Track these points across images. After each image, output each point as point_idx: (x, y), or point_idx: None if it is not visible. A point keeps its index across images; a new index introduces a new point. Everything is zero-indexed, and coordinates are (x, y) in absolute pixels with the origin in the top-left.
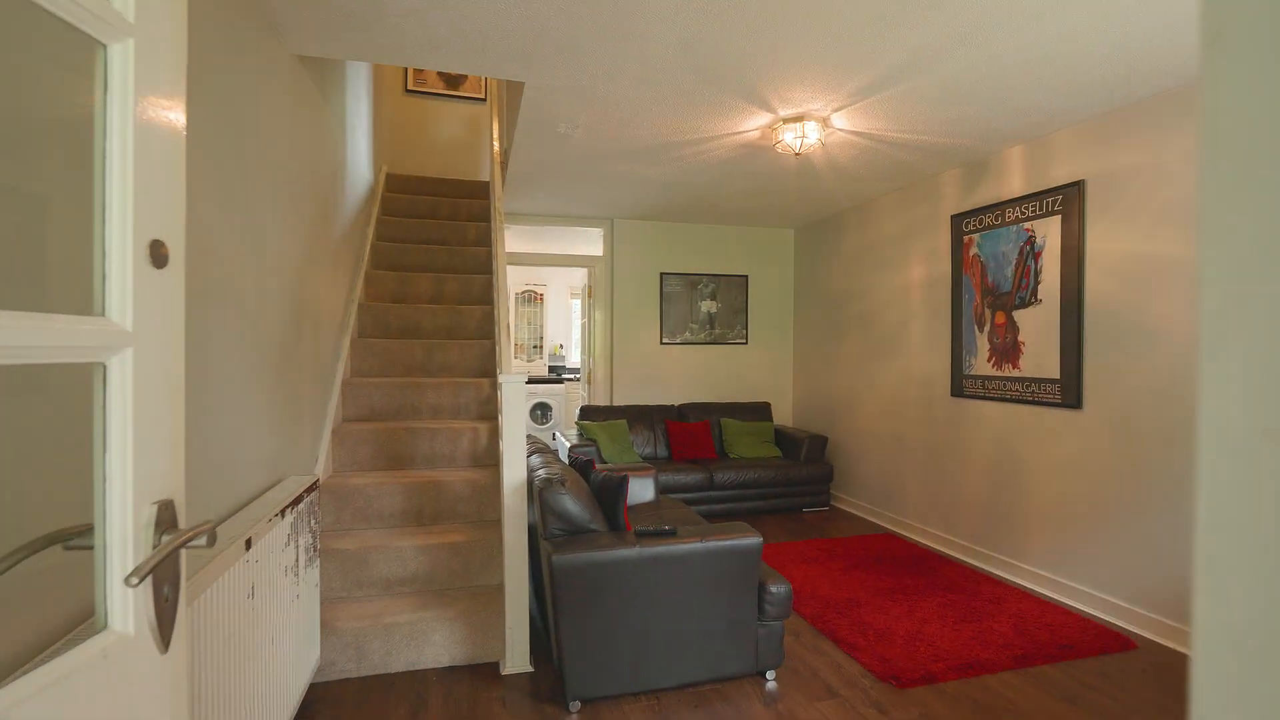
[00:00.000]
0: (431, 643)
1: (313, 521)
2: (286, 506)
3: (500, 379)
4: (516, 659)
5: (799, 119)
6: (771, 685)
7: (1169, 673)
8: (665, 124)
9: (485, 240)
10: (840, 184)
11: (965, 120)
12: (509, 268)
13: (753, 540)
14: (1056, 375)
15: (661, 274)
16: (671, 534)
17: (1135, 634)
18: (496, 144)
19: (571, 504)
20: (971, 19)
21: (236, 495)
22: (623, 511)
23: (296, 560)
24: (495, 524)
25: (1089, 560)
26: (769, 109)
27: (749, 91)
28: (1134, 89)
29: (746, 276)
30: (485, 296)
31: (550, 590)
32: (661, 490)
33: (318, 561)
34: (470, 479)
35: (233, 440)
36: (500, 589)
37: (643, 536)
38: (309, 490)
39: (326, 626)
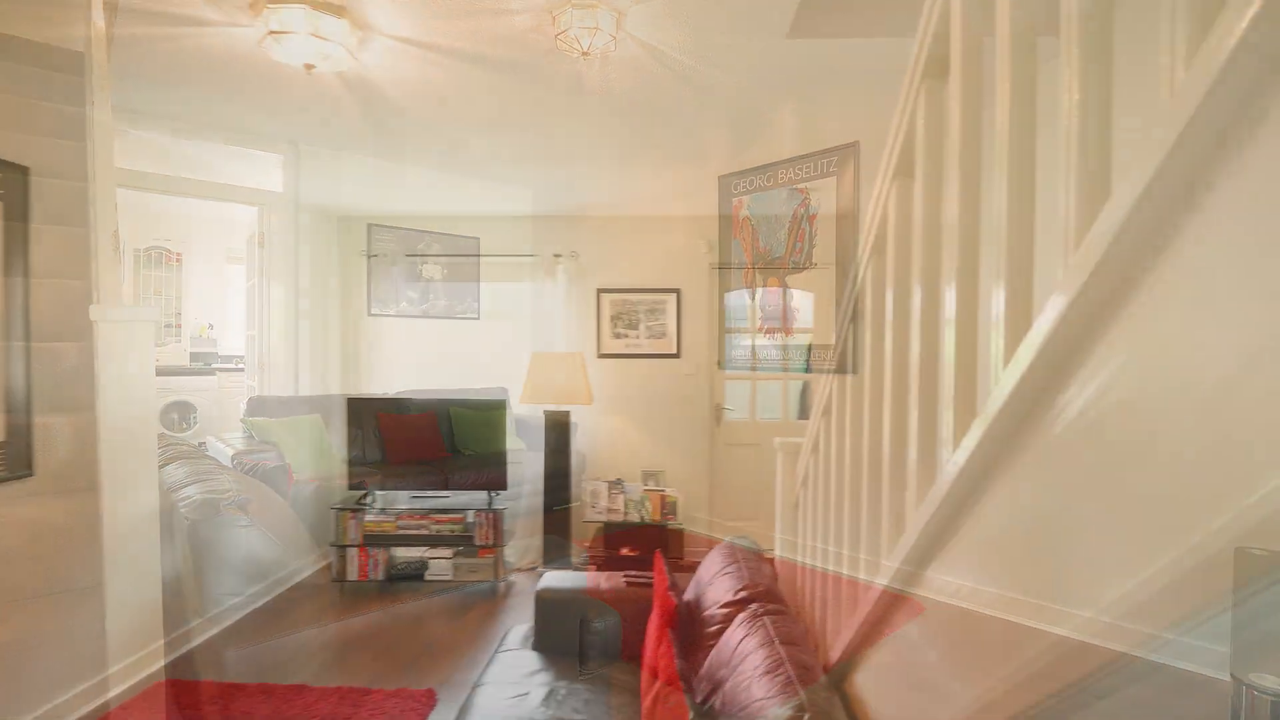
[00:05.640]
0: None
1: None
2: None
3: (93, 314)
4: None
5: (592, 3)
6: None
7: None
8: None
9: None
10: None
11: (763, 56)
12: (128, 195)
13: None
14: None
15: (370, 225)
16: None
17: None
18: None
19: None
20: None
21: None
22: None
23: None
24: (90, 594)
25: None
26: None
27: None
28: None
29: (478, 239)
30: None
31: None
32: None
33: None
34: (26, 519)
35: None
36: None
37: None
38: None
39: None
